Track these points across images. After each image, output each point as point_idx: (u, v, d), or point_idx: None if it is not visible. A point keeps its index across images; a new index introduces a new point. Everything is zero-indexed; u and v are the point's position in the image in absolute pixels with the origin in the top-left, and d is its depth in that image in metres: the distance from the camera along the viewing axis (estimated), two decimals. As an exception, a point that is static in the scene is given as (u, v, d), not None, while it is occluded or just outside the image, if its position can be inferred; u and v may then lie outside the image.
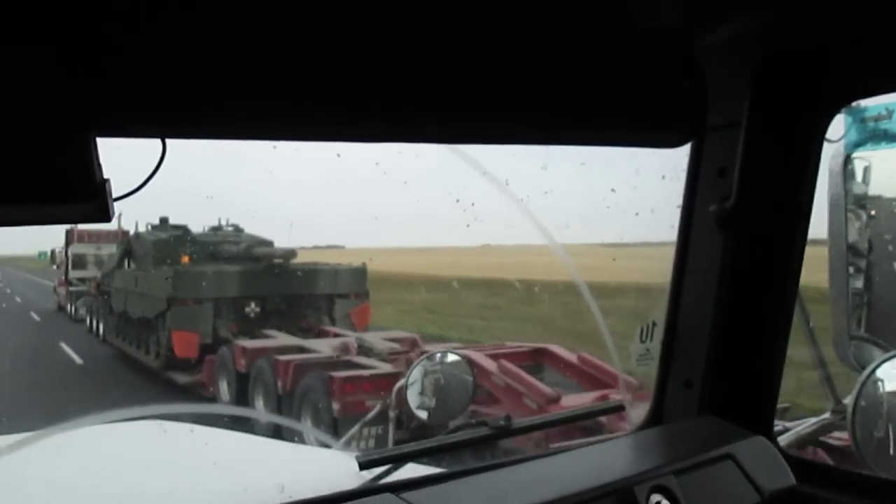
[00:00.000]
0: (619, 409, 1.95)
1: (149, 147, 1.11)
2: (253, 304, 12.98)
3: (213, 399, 11.01)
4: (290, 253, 13.65)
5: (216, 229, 15.00)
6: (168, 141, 1.12)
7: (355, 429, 6.79)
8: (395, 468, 1.68)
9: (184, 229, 14.81)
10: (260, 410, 9.90)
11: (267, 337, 11.91)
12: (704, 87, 1.74)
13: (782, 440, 2.19)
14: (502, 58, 1.37)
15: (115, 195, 1.06)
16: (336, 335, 12.00)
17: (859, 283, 5.01)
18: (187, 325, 12.35)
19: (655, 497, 1.42)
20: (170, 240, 14.29)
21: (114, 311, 15.31)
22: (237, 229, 15.25)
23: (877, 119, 1.75)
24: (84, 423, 2.06)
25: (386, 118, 1.28)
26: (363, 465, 1.64)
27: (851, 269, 5.01)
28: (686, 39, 1.65)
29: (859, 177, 5.26)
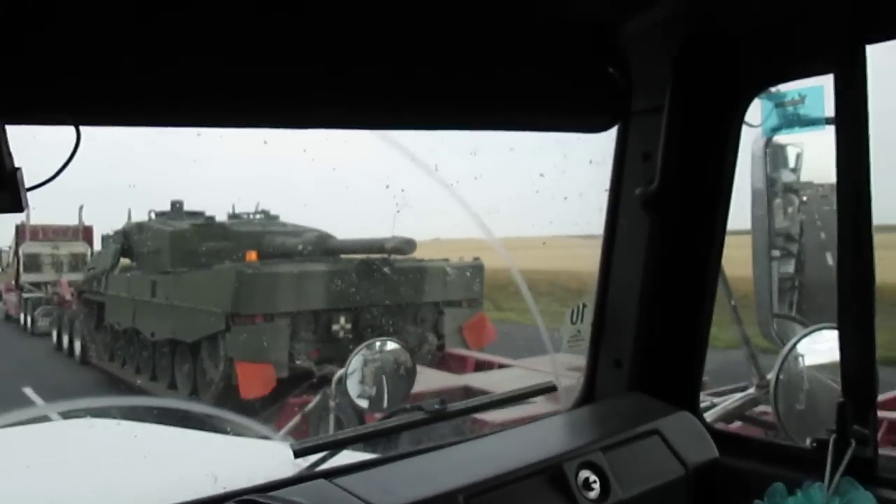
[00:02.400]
0: (551, 389, 1.99)
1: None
2: (343, 320, 9.65)
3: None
4: (409, 243, 9.77)
5: (235, 217, 11.87)
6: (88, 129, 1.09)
7: (295, 420, 6.52)
8: (331, 455, 1.68)
9: (205, 216, 11.68)
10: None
11: (457, 359, 8.81)
12: (628, 72, 1.78)
13: (709, 415, 2.27)
14: (429, 45, 1.38)
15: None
16: (486, 364, 8.73)
17: (791, 268, 5.21)
18: (257, 352, 8.90)
19: (584, 473, 1.45)
20: (195, 231, 10.97)
21: (106, 327, 11.95)
22: (268, 216, 12.07)
23: (792, 104, 1.82)
24: (7, 423, 2.00)
25: (313, 105, 1.27)
26: (298, 453, 1.63)
27: (778, 253, 5.20)
28: (609, 26, 1.69)
29: (791, 163, 5.45)
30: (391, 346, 2.23)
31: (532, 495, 1.39)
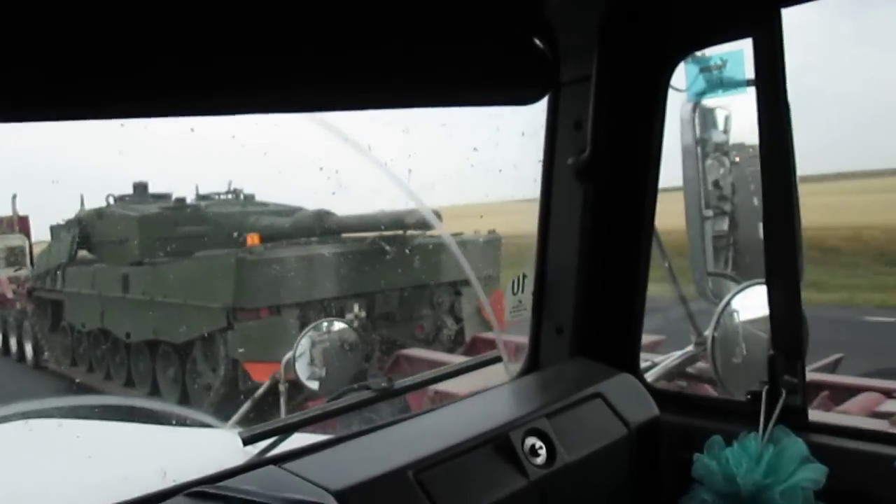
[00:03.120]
0: (497, 360, 2.02)
1: None
2: (356, 308, 8.70)
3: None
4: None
5: (205, 198, 10.66)
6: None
7: (245, 407, 6.24)
8: (281, 440, 1.68)
9: (175, 199, 10.32)
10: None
11: (411, 361, 7.27)
12: (556, 43, 1.79)
13: (650, 375, 2.33)
14: (354, 22, 1.36)
15: None
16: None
17: (725, 226, 5.37)
18: (264, 350, 7.67)
19: (530, 440, 1.48)
20: (166, 215, 9.75)
21: (66, 327, 10.77)
22: (243, 196, 10.91)
23: (715, 68, 1.87)
24: None
25: (240, 90, 1.24)
26: (247, 441, 1.63)
27: (711, 213, 5.34)
28: (537, 1, 1.70)
29: (721, 125, 5.59)
30: (338, 325, 2.23)
31: (480, 465, 1.41)
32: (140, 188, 10.72)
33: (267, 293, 8.30)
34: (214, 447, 2.09)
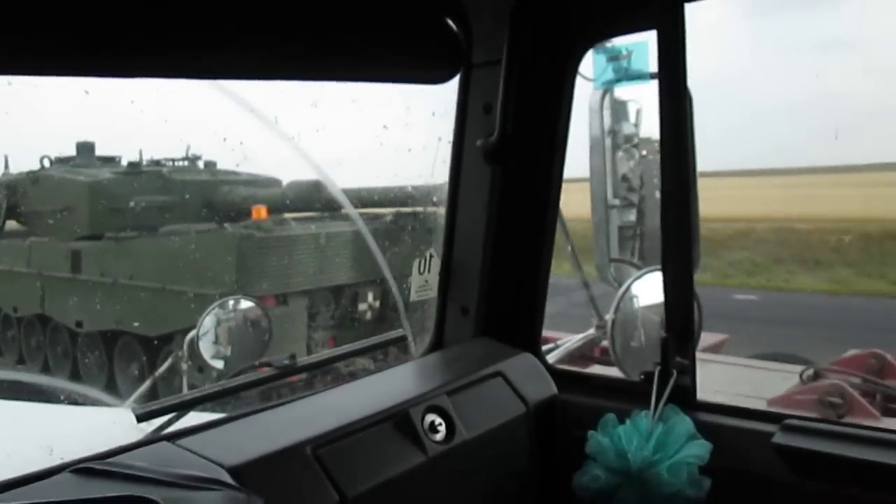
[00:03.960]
0: (402, 339, 2.03)
1: None
2: (370, 296, 7.61)
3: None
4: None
5: (158, 164, 8.91)
6: None
7: (145, 385, 5.85)
8: (178, 418, 1.64)
9: (130, 163, 8.69)
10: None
11: None
12: (468, 25, 1.80)
13: (553, 356, 2.39)
14: None
15: None
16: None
17: (632, 216, 5.53)
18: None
19: (430, 417, 1.50)
20: (123, 181, 8.20)
21: None
22: (202, 163, 9.18)
23: (622, 58, 1.92)
24: None
25: (143, 52, 1.20)
26: (141, 418, 1.58)
27: (619, 202, 5.50)
28: None
29: (632, 118, 5.75)
30: (245, 304, 2.19)
31: (380, 441, 1.42)
32: (85, 149, 8.80)
33: (274, 278, 7.11)
34: (107, 425, 2.02)
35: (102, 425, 2.14)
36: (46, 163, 9.08)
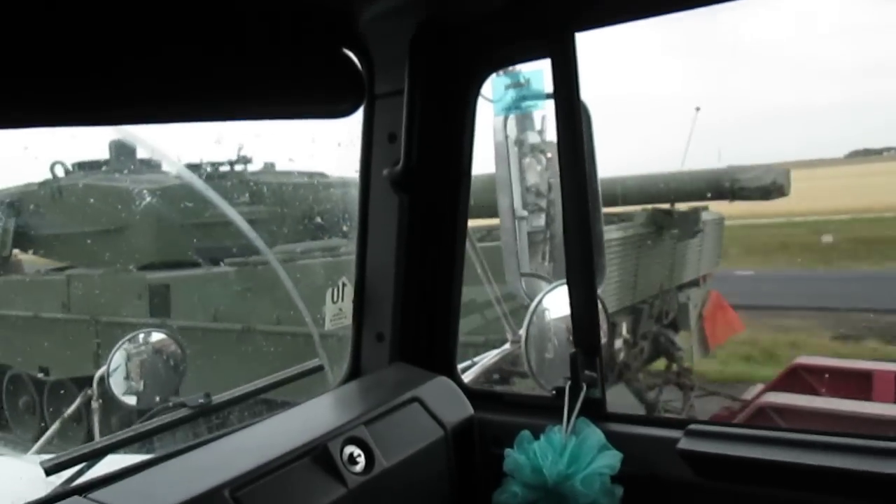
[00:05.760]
0: (318, 369, 2.02)
1: None
2: (624, 327, 6.71)
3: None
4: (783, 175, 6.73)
5: (216, 167, 6.92)
6: None
7: (53, 428, 5.39)
8: (88, 467, 1.59)
9: (188, 165, 6.49)
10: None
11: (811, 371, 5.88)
12: (370, 57, 1.83)
13: (469, 375, 2.43)
14: (167, 32, 1.33)
15: None
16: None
17: (542, 221, 5.60)
18: None
19: (349, 449, 1.51)
20: (189, 190, 5.82)
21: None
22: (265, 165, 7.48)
23: (519, 85, 1.99)
24: None
25: (44, 103, 1.18)
26: (50, 471, 1.53)
27: (526, 212, 5.60)
28: (349, 13, 1.72)
29: (538, 126, 5.85)
30: (157, 336, 2.14)
31: (299, 478, 1.42)
32: (124, 151, 6.72)
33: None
34: (14, 478, 1.94)
35: (7, 478, 2.05)
36: (60, 170, 7.02)
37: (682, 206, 6.97)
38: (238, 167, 7.13)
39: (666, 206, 6.82)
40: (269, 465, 1.40)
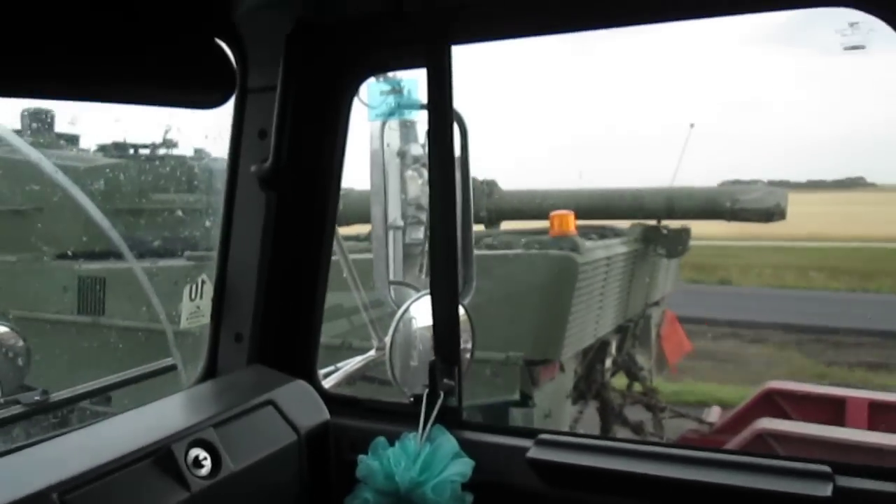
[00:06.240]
0: (171, 368, 1.94)
1: None
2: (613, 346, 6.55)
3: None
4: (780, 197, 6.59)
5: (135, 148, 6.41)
6: None
7: None
8: None
9: (115, 144, 6.13)
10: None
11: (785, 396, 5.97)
12: (244, 50, 1.79)
13: (330, 380, 2.40)
14: (37, 10, 1.25)
15: None
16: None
17: (420, 234, 5.61)
18: None
19: (194, 451, 1.46)
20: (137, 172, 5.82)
21: None
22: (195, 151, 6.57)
23: (396, 92, 2.00)
24: None
25: None
26: None
27: (402, 223, 5.59)
28: (224, 5, 1.68)
29: (420, 139, 5.86)
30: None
31: (137, 482, 1.35)
32: (38, 120, 5.86)
33: (576, 332, 5.49)
34: None
35: None
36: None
37: (671, 224, 6.84)
38: (162, 151, 6.28)
39: (653, 222, 6.73)
40: (104, 466, 1.32)
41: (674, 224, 6.67)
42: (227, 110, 1.85)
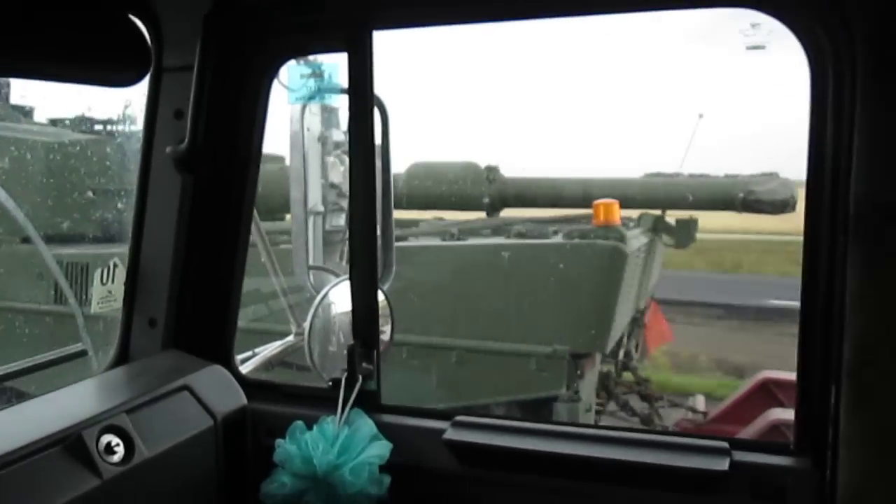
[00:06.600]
0: (82, 354, 1.89)
1: None
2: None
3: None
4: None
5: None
6: None
7: None
8: None
9: (77, 118, 5.42)
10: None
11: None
12: (159, 28, 1.75)
13: (248, 365, 2.38)
14: None
15: None
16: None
17: (342, 221, 5.56)
18: None
19: (106, 438, 1.43)
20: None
21: None
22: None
23: (317, 76, 1.99)
24: None
25: None
26: None
27: (323, 209, 5.54)
28: None
29: (343, 125, 5.80)
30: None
31: (46, 469, 1.32)
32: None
33: (618, 324, 5.52)
34: None
35: None
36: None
37: (678, 214, 6.93)
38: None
39: (657, 212, 6.71)
40: (9, 455, 1.28)
41: (681, 215, 6.76)
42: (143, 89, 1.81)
